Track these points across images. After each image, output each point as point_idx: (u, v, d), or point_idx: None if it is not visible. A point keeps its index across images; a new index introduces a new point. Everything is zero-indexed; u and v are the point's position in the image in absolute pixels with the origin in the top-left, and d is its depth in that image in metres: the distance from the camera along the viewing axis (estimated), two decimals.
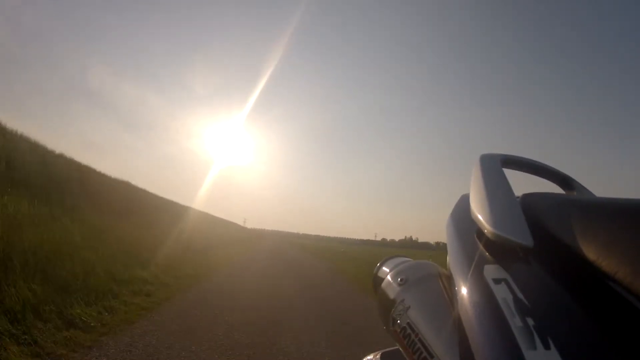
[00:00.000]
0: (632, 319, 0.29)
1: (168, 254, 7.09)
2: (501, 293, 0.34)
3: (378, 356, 0.58)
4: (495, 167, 0.49)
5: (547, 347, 0.29)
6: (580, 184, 0.56)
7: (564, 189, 0.57)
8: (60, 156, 11.86)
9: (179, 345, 2.98)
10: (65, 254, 4.08)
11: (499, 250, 0.39)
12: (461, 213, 0.50)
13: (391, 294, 0.51)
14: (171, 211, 17.42)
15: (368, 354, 0.60)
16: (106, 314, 3.43)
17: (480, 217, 0.42)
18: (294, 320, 4.27)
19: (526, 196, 0.45)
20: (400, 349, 0.48)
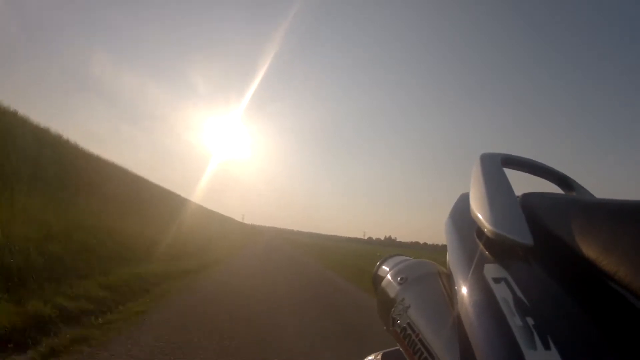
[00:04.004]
0: (632, 319, 0.29)
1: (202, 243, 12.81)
2: (501, 292, 0.34)
3: (379, 356, 0.58)
4: (496, 166, 0.49)
5: (547, 346, 0.29)
6: (579, 185, 0.56)
7: (563, 189, 0.57)
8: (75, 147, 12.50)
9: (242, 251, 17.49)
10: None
11: (499, 249, 0.39)
12: (461, 212, 0.50)
13: (391, 293, 0.51)
14: (187, 209, 20.17)
15: (369, 354, 0.60)
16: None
17: (480, 216, 0.42)
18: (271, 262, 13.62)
19: (526, 196, 0.45)
20: (401, 349, 0.47)
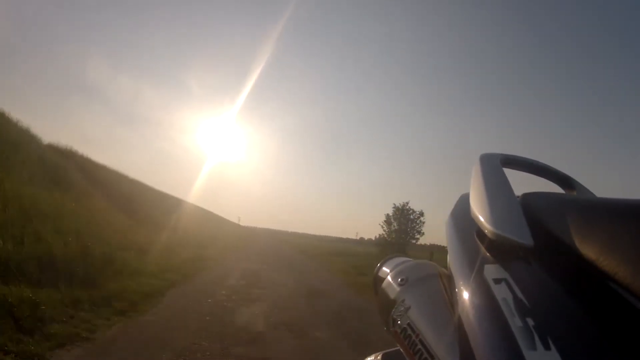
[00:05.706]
0: (632, 319, 0.29)
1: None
2: (501, 293, 0.34)
3: (379, 357, 0.57)
4: (496, 166, 0.49)
5: (547, 347, 0.29)
6: (580, 184, 0.56)
7: (564, 188, 0.56)
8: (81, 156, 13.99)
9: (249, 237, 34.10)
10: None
11: (499, 250, 0.39)
12: (461, 212, 0.50)
13: (392, 294, 0.51)
14: (191, 213, 22.54)
15: (369, 354, 0.59)
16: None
17: (480, 216, 0.42)
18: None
19: (526, 196, 0.45)
20: (401, 350, 0.47)
